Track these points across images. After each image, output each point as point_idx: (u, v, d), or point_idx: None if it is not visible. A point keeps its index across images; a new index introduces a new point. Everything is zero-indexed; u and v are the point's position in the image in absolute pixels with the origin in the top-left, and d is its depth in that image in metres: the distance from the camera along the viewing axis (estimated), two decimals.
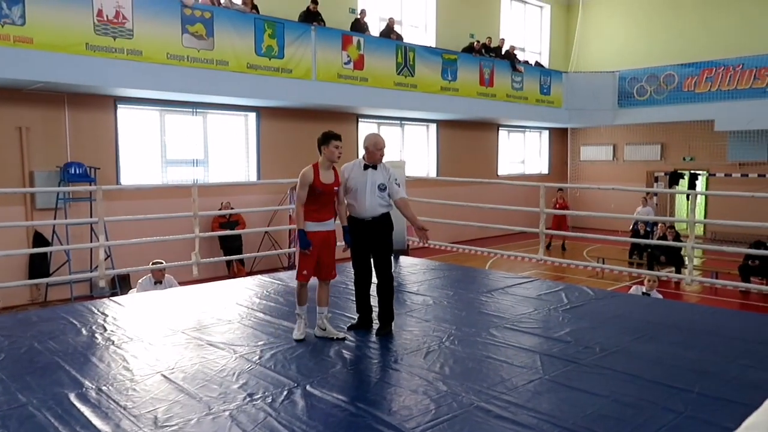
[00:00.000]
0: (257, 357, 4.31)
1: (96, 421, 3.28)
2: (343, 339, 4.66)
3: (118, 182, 10.70)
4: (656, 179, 18.21)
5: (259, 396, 3.62)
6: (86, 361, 4.23)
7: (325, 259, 4.68)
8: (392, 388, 3.77)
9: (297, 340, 4.64)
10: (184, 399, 3.58)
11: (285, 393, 3.66)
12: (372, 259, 4.92)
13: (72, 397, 3.60)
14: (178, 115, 11.59)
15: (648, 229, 13.96)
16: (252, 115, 12.49)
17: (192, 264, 6.97)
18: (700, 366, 4.13)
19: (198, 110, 11.72)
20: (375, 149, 4.82)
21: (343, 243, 4.87)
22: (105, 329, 5.03)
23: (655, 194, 17.72)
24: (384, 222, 4.84)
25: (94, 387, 3.75)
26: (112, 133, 10.66)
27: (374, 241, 4.85)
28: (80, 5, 8.78)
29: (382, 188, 4.77)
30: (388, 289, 4.92)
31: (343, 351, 4.43)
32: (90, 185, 9.95)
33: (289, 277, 7.05)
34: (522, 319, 5.30)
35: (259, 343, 4.64)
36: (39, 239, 9.86)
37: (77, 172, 9.90)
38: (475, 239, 15.53)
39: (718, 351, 4.45)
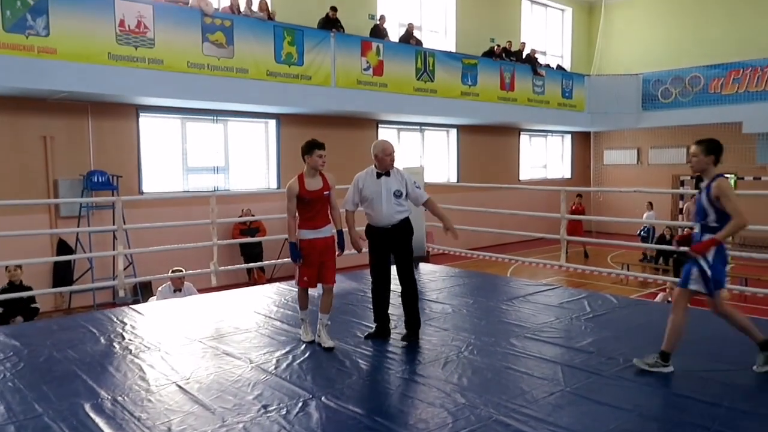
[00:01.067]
0: (273, 367, 4.27)
1: None
2: (332, 349, 4.60)
3: (140, 190, 10.81)
4: (682, 183, 17.87)
5: (273, 408, 3.58)
6: (103, 371, 4.22)
7: (326, 264, 4.68)
8: (409, 399, 3.70)
9: (306, 342, 4.75)
10: (198, 410, 3.55)
11: (300, 405, 3.61)
12: (395, 266, 4.87)
13: (87, 407, 3.58)
14: (199, 123, 11.67)
15: (665, 234, 13.68)
16: (272, 123, 12.53)
17: (211, 272, 6.97)
18: (729, 378, 3.98)
19: (219, 118, 11.79)
20: (384, 155, 4.78)
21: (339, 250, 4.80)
22: (123, 338, 5.03)
23: (681, 198, 17.38)
24: (404, 228, 4.81)
25: (109, 397, 3.74)
26: (134, 141, 10.77)
27: (395, 249, 4.81)
28: (102, 15, 8.89)
29: (398, 195, 4.74)
30: (413, 295, 4.90)
31: (360, 361, 4.36)
32: (112, 193, 10.07)
33: None
34: (543, 329, 5.19)
35: (276, 352, 4.60)
36: (63, 247, 9.99)
37: (100, 180, 10.01)
38: (496, 245, 15.36)
39: (748, 362, 4.29)
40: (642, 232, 15.09)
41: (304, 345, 4.74)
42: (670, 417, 3.39)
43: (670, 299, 7.08)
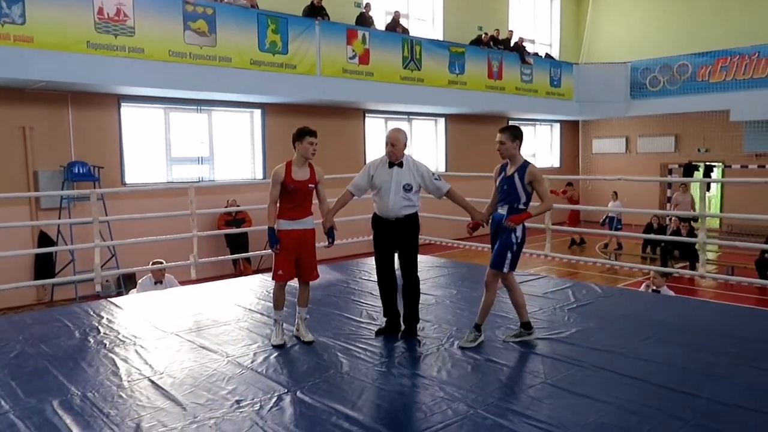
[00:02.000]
0: (249, 361, 4.19)
1: (76, 430, 3.17)
2: (312, 342, 4.49)
3: (122, 181, 10.65)
4: (670, 171, 17.87)
5: (247, 402, 3.49)
6: (75, 366, 4.13)
7: (304, 258, 4.50)
8: (385, 393, 3.63)
9: (275, 346, 4.44)
10: (169, 406, 3.46)
11: (274, 399, 3.53)
12: (398, 261, 4.72)
13: (56, 404, 3.49)
14: (183, 113, 11.50)
15: (652, 223, 13.68)
16: (257, 112, 12.38)
17: (190, 264, 6.86)
18: (711, 369, 3.93)
19: (202, 108, 11.63)
20: (388, 144, 4.60)
21: (326, 243, 4.68)
22: (99, 332, 4.93)
23: (669, 186, 17.41)
24: (409, 223, 4.62)
25: (79, 393, 3.65)
26: (116, 131, 10.60)
27: (399, 243, 4.64)
28: (80, 3, 8.69)
29: (407, 188, 4.53)
30: (414, 291, 4.72)
31: (339, 354, 4.28)
32: (94, 185, 9.91)
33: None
34: None
35: (253, 345, 4.52)
36: (44, 239, 9.83)
37: (81, 171, 9.85)
38: (485, 234, 15.32)
39: (730, 353, 4.25)
40: (604, 221, 15.18)
41: (282, 336, 4.66)
42: (649, 409, 3.33)
43: (654, 287, 7.05)
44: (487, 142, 16.97)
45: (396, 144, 4.58)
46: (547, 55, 17.80)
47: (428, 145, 15.86)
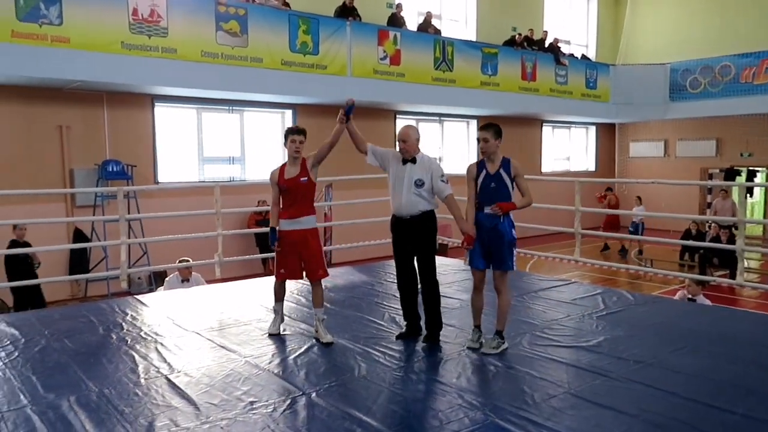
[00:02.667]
0: (267, 362, 4.15)
1: (89, 427, 3.16)
2: (331, 344, 4.43)
3: (155, 179, 10.80)
4: (711, 176, 17.33)
5: (260, 404, 3.44)
6: (95, 362, 4.15)
7: (307, 257, 4.51)
8: (402, 399, 3.53)
9: (270, 334, 4.68)
10: (182, 405, 3.43)
11: (288, 402, 3.47)
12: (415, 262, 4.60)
13: (72, 400, 3.50)
14: (215, 113, 11.62)
15: (690, 229, 13.25)
16: (288, 113, 12.43)
17: (215, 263, 6.88)
18: (746, 383, 3.73)
19: (234, 108, 11.73)
20: (399, 141, 4.51)
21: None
22: (122, 328, 4.97)
23: (709, 191, 16.89)
24: (424, 221, 4.49)
25: (96, 390, 3.65)
26: (149, 131, 10.76)
27: (414, 243, 4.50)
28: (115, 4, 8.84)
29: (419, 184, 4.42)
30: (433, 294, 4.57)
31: (358, 358, 4.20)
32: (127, 183, 10.07)
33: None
34: (552, 326, 4.98)
35: (272, 346, 4.49)
36: (79, 236, 10.03)
37: (114, 169, 10.02)
38: (518, 238, 15.08)
39: (766, 365, 4.03)
40: (630, 227, 14.77)
41: (301, 339, 4.61)
42: (678, 423, 3.16)
43: (690, 296, 6.79)
44: (519, 144, 16.80)
45: (407, 140, 4.48)
46: (583, 56, 17.46)
47: (459, 147, 15.70)
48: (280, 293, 4.77)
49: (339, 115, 4.54)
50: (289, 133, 4.50)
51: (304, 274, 4.63)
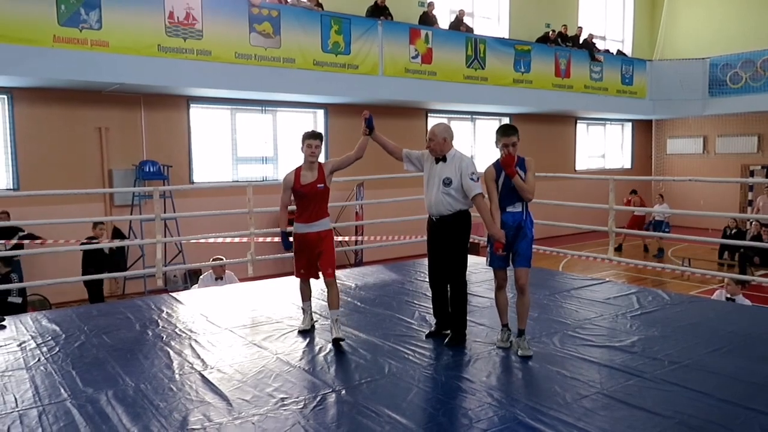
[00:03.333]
0: (298, 359, 4.20)
1: (126, 421, 3.25)
2: (341, 339, 4.41)
3: (190, 179, 10.99)
4: (752, 173, 16.84)
5: (291, 401, 3.49)
6: (132, 358, 4.25)
7: (322, 258, 4.52)
8: (430, 397, 3.54)
9: (301, 331, 4.76)
10: (215, 401, 3.50)
11: (318, 399, 3.51)
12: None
13: (110, 394, 3.60)
14: (248, 114, 11.77)
15: (729, 227, 12.90)
16: (320, 112, 12.52)
17: (247, 262, 6.98)
18: None
19: (267, 108, 11.86)
20: (428, 140, 4.51)
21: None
22: (158, 325, 5.08)
23: (751, 189, 16.44)
24: (453, 222, 4.45)
25: (132, 385, 3.75)
26: (185, 131, 10.96)
27: (444, 242, 4.48)
28: (152, 8, 9.03)
29: (446, 182, 4.40)
30: (459, 297, 4.53)
31: (387, 357, 4.21)
32: (163, 183, 10.28)
33: (347, 276, 6.96)
34: (585, 325, 4.93)
35: (303, 343, 4.54)
36: (118, 235, 10.26)
37: (151, 170, 10.24)
38: (549, 237, 14.91)
39: None
40: (651, 227, 14.41)
41: (330, 336, 4.66)
42: (713, 426, 3.10)
43: (728, 295, 6.62)
44: (552, 142, 16.62)
45: (433, 138, 4.47)
46: (619, 52, 17.16)
47: (492, 146, 15.55)
48: (306, 292, 4.84)
49: (362, 128, 4.54)
50: (306, 137, 4.53)
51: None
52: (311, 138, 4.52)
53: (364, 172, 9.60)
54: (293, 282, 6.91)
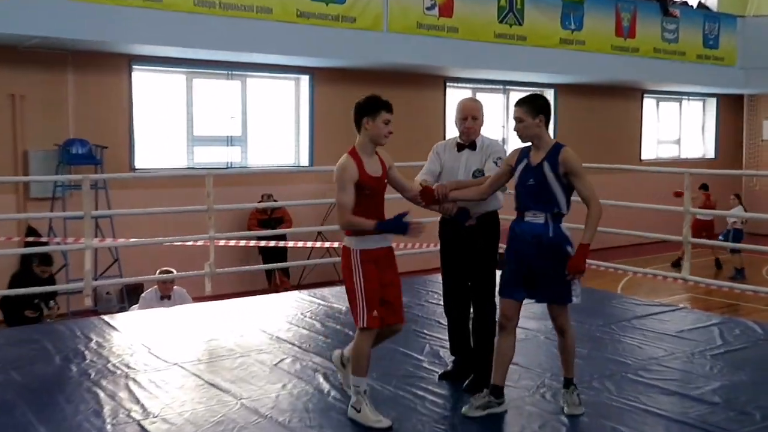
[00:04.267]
0: (270, 406, 4.22)
1: None
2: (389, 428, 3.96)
3: (131, 165, 11.00)
4: None
5: None
6: (50, 401, 4.26)
7: (392, 289, 4.09)
8: None
9: (382, 429, 3.90)
10: None
11: None
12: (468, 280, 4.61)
13: None
14: (210, 80, 11.78)
15: None
16: (304, 79, 12.52)
17: (205, 275, 6.99)
18: None
19: (234, 73, 11.86)
20: (465, 117, 4.53)
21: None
22: (84, 358, 5.09)
23: None
24: (483, 227, 4.53)
25: None
26: (125, 102, 10.95)
27: (468, 254, 4.52)
28: None
29: (477, 175, 4.48)
30: (486, 327, 4.51)
31: (388, 405, 4.20)
32: (95, 169, 10.28)
33: (336, 296, 6.95)
34: (650, 366, 4.97)
35: (276, 386, 4.56)
36: (32, 235, 10.22)
37: (80, 152, 10.23)
38: (605, 248, 14.89)
39: None
40: (720, 236, 14.34)
41: (314, 378, 4.65)
42: None
43: None
44: (610, 122, 16.62)
45: (477, 116, 4.53)
46: (701, 5, 17.17)
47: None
48: (368, 359, 4.01)
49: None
50: (383, 107, 4.09)
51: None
52: (390, 111, 4.14)
53: None
54: (263, 303, 6.98)
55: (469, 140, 4.58)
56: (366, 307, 3.94)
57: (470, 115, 4.54)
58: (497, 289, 4.28)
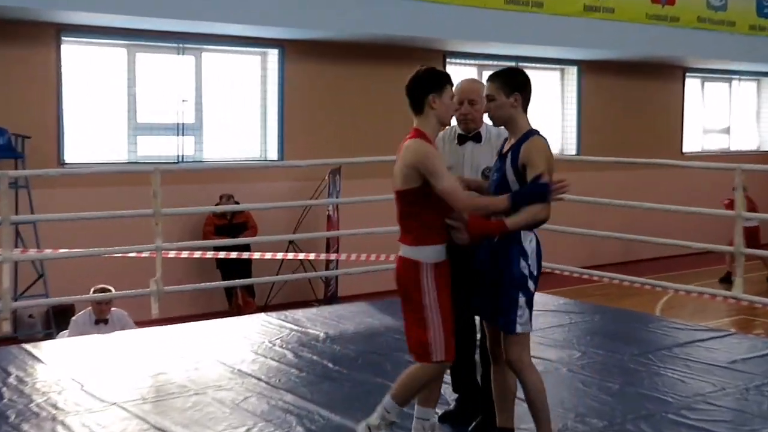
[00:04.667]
0: None
1: None
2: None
3: (60, 159, 10.96)
4: None
5: None
6: None
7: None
8: None
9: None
10: None
11: None
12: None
13: None
14: (156, 54, 11.78)
15: None
16: (272, 54, 12.51)
17: (150, 295, 6.95)
18: None
19: (186, 46, 11.83)
20: (462, 101, 4.54)
21: None
22: (1, 396, 5.05)
23: None
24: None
25: None
26: (52, 81, 10.91)
27: (473, 270, 4.45)
28: None
29: (488, 175, 4.45)
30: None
31: None
32: (15, 164, 10.23)
33: (313, 319, 6.94)
34: (697, 405, 4.98)
35: (240, 430, 4.53)
36: None
37: None
38: (639, 261, 14.95)
39: None
40: None
41: (286, 419, 4.63)
42: None
43: None
44: (646, 106, 16.67)
45: (476, 101, 4.52)
46: None
47: (550, 111, 15.69)
48: (439, 390, 4.22)
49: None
50: (448, 81, 4.15)
51: None
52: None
53: (344, 152, 9.63)
54: (222, 328, 6.96)
55: (469, 130, 4.62)
56: (444, 336, 3.97)
57: (467, 99, 4.55)
58: None
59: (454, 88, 4.55)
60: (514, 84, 4.05)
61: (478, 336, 4.72)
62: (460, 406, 4.72)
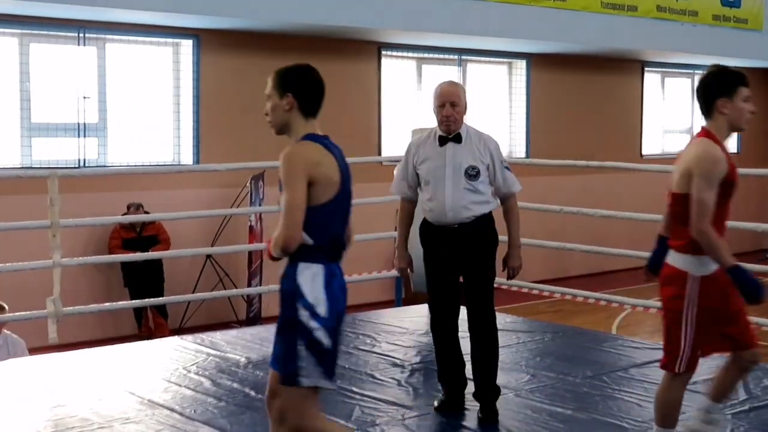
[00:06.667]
0: None
1: None
2: None
3: None
4: None
5: None
6: None
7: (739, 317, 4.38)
8: None
9: None
10: None
11: None
12: (463, 294, 5.12)
13: None
14: (53, 45, 11.69)
15: None
16: (186, 44, 12.45)
17: (47, 317, 6.90)
18: None
19: (88, 35, 11.73)
20: (443, 104, 5.03)
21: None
22: None
23: None
24: (479, 231, 5.08)
25: None
26: None
27: (464, 263, 5.03)
28: None
29: (472, 174, 4.99)
30: (489, 342, 5.07)
31: None
32: None
33: (233, 343, 6.94)
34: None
35: None
36: None
37: None
38: (594, 274, 15.17)
39: None
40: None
41: None
42: None
43: None
44: (601, 105, 16.89)
45: (457, 103, 4.99)
46: None
47: (497, 109, 15.86)
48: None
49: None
50: (740, 82, 4.32)
51: None
52: (747, 84, 4.41)
53: (267, 156, 9.55)
54: (132, 354, 6.91)
55: (450, 131, 5.04)
56: (690, 351, 4.25)
57: (448, 101, 5.01)
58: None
59: (433, 92, 5.04)
60: (285, 83, 3.77)
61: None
62: (448, 396, 5.18)
